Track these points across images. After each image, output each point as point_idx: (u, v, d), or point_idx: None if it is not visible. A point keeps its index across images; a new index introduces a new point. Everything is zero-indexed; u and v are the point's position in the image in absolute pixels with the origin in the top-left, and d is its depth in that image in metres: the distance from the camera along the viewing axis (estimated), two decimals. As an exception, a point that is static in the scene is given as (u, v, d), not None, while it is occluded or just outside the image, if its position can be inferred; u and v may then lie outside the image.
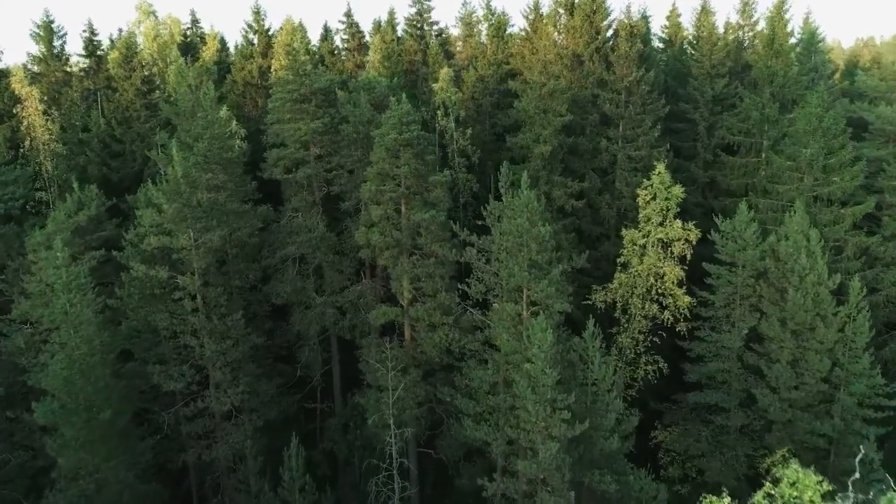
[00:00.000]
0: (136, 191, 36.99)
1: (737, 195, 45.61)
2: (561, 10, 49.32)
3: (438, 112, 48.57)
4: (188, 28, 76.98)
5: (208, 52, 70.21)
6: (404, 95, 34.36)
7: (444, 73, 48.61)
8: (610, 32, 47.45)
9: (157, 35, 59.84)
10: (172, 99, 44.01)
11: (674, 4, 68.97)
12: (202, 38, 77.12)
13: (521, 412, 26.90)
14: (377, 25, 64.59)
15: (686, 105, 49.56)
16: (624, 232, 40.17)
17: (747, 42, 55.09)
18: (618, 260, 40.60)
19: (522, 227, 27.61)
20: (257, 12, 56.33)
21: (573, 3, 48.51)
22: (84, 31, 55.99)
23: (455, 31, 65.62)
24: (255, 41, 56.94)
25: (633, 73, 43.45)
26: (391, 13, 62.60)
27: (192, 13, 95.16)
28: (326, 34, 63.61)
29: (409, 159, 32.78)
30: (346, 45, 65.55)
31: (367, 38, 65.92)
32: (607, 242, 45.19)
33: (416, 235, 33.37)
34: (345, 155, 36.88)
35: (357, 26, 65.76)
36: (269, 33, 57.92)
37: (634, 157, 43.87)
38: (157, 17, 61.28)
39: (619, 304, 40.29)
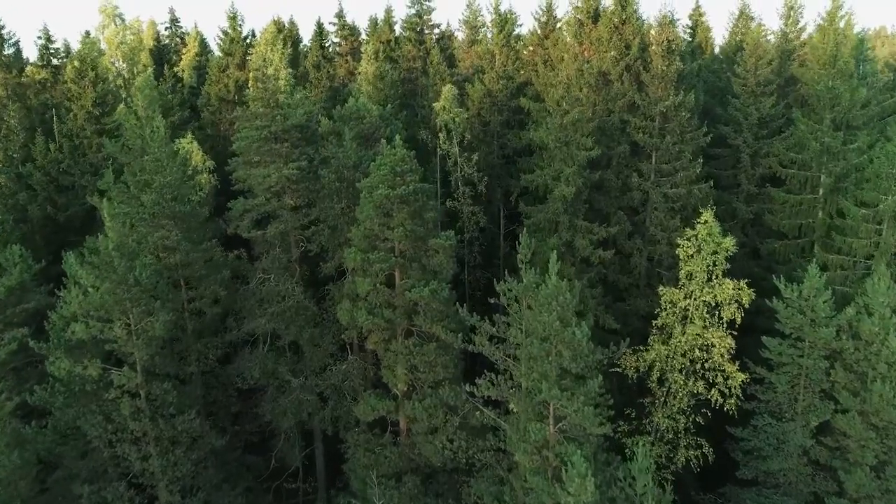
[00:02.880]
0: (87, 234, 30.30)
1: (788, 237, 39.06)
2: (581, 17, 42.19)
3: (440, 135, 41.89)
4: (167, 28, 70.09)
5: (188, 56, 63.31)
6: (398, 138, 27.60)
7: (447, 90, 41.80)
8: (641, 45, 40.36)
9: (122, 41, 52.77)
10: (125, 123, 37.26)
11: (697, 2, 61.72)
12: (182, 39, 70.06)
13: (549, 574, 20.55)
14: (373, 24, 57.67)
15: (725, 128, 42.79)
16: (661, 289, 33.56)
17: (794, 53, 48.23)
18: (654, 322, 34.06)
19: (551, 328, 21.09)
20: (233, 17, 49.13)
21: (597, 9, 41.49)
22: (39, 37, 49.44)
23: (460, 35, 58.83)
24: (232, 50, 49.89)
25: (670, 97, 36.62)
26: (388, 12, 55.68)
27: (171, 11, 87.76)
28: (320, 33, 56.07)
29: (405, 219, 26.23)
30: (338, 50, 58.65)
31: (364, 35, 59.04)
32: (637, 294, 38.58)
33: (412, 313, 26.82)
34: (326, 207, 30.06)
35: (351, 28, 58.88)
36: (248, 41, 50.86)
37: (671, 195, 37.08)
38: (123, 20, 54.15)
39: (654, 374, 33.90)
